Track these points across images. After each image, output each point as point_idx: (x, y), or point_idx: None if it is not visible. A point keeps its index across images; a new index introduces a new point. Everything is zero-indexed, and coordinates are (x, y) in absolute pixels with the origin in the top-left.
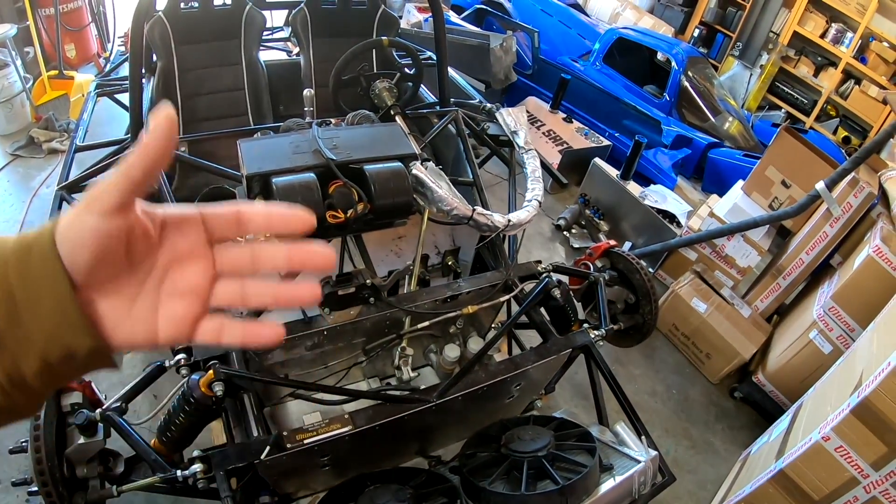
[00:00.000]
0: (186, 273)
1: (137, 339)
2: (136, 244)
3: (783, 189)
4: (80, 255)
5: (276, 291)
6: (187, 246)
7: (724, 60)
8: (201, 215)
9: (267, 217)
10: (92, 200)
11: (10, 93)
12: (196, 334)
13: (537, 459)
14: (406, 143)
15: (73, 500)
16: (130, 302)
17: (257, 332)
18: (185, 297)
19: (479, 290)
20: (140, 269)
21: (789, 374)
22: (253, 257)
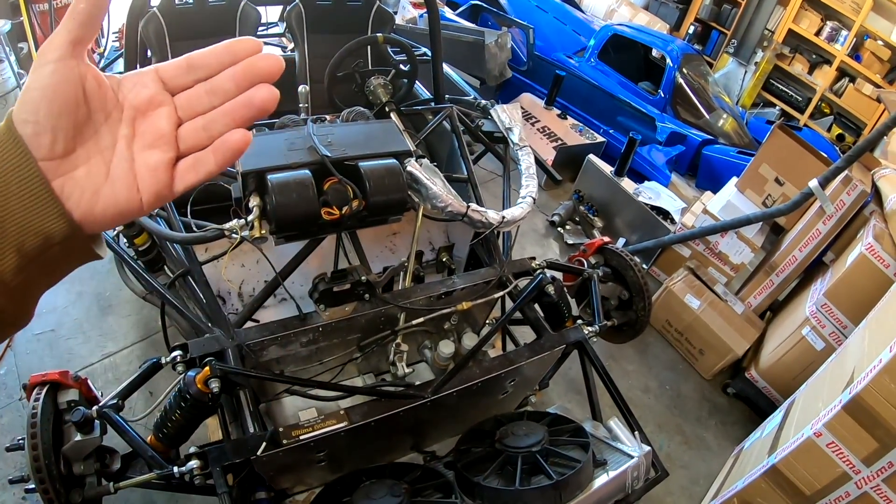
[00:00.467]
0: (152, 122)
1: (121, 202)
2: (94, 94)
3: (777, 186)
4: (43, 111)
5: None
6: (145, 98)
7: (718, 58)
8: (155, 70)
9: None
10: (42, 52)
11: (3, 89)
12: (175, 180)
13: (531, 454)
14: (401, 140)
15: (69, 498)
16: (105, 165)
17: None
18: (156, 146)
19: (474, 286)
20: (105, 127)
21: (782, 371)
22: (208, 92)
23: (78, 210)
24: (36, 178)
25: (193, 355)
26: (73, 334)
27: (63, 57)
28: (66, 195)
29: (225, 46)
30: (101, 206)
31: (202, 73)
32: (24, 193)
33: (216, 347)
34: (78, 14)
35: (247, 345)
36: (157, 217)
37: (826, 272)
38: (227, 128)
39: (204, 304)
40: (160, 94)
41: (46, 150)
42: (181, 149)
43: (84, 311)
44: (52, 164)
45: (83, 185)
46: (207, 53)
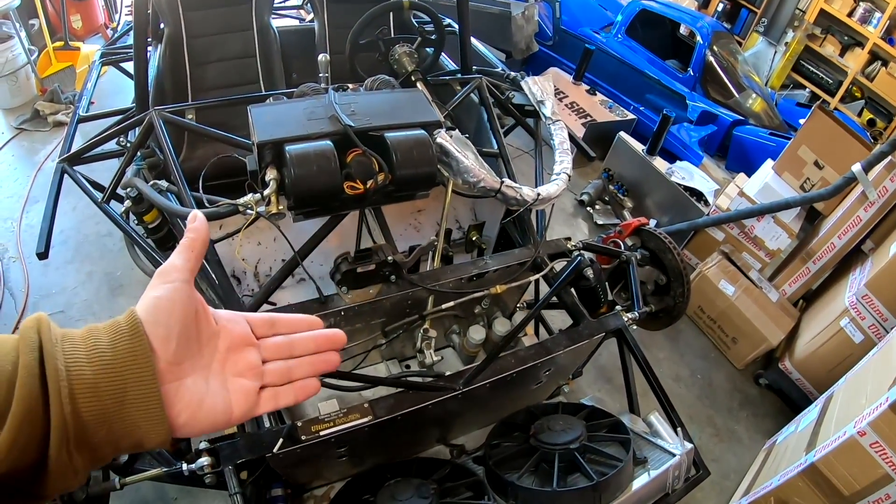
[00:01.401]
0: (244, 355)
1: (218, 414)
2: (201, 317)
3: (816, 170)
4: (174, 318)
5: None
6: (239, 335)
7: (748, 36)
8: (245, 318)
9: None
10: (167, 271)
11: (14, 65)
12: (258, 404)
13: (569, 452)
14: (430, 110)
15: (73, 495)
16: (204, 380)
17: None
18: (247, 374)
19: (507, 268)
20: (206, 348)
21: (817, 363)
22: (289, 345)
23: (186, 412)
24: (154, 389)
25: None
26: (83, 315)
27: (185, 280)
28: (178, 398)
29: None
30: (203, 413)
31: (281, 331)
32: (140, 402)
33: None
34: (193, 247)
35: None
36: (168, 192)
37: (865, 262)
38: (306, 374)
39: (216, 285)
40: (250, 336)
41: (171, 354)
42: (265, 381)
43: (94, 292)
44: (171, 369)
45: (192, 391)
46: (289, 320)
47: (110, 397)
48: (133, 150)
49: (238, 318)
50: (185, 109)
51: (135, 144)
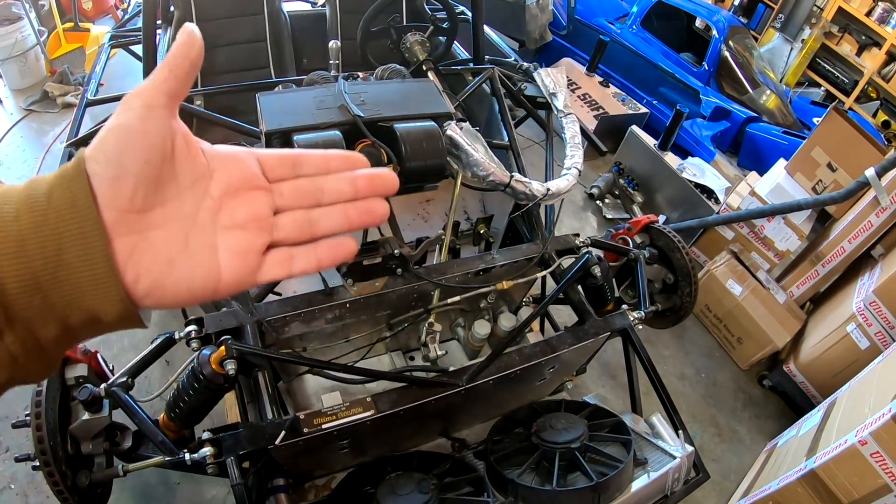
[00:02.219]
0: (245, 203)
1: (196, 278)
2: (182, 153)
3: (829, 172)
4: (129, 155)
5: (346, 210)
6: (241, 176)
7: (764, 32)
8: (255, 154)
9: (324, 159)
10: (133, 96)
11: (23, 46)
12: (263, 269)
13: (570, 451)
14: (440, 101)
15: (76, 479)
16: (183, 234)
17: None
18: (247, 228)
19: (514, 263)
20: (190, 192)
21: (822, 367)
22: (315, 188)
23: (148, 277)
24: (98, 245)
25: (209, 331)
26: None
27: (156, 105)
28: (137, 258)
29: (341, 155)
30: (174, 279)
31: (308, 171)
32: (82, 265)
33: (234, 323)
34: (173, 64)
35: (267, 321)
36: None
37: (875, 267)
38: (338, 227)
39: None
40: (259, 177)
41: (126, 200)
42: (275, 238)
43: None
44: (129, 219)
45: (158, 248)
46: (318, 155)
47: (40, 256)
48: None
49: (244, 154)
50: (193, 95)
51: None
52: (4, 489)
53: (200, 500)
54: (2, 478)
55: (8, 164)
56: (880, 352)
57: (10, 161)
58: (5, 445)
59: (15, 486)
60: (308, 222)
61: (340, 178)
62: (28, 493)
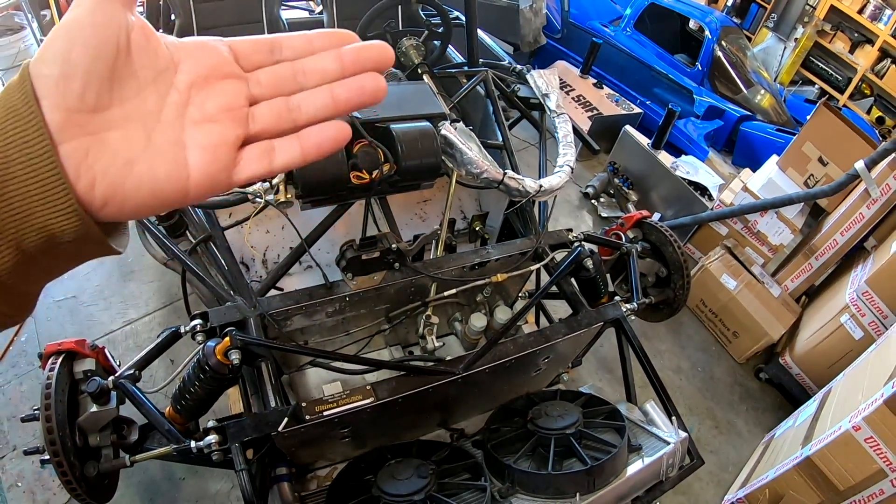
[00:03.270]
0: (215, 93)
1: (159, 179)
2: (140, 46)
3: (820, 166)
4: (76, 50)
5: (332, 90)
6: (210, 64)
7: (757, 32)
8: (226, 42)
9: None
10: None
11: (26, 56)
12: (239, 165)
13: (565, 437)
14: (435, 103)
15: (84, 470)
16: (144, 132)
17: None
18: (218, 120)
19: (509, 257)
20: (152, 87)
21: (817, 358)
22: (295, 71)
23: (104, 181)
24: (43, 150)
25: (214, 324)
26: (95, 301)
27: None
28: (91, 161)
29: (326, 33)
30: (135, 182)
31: (287, 56)
32: (27, 177)
33: (237, 316)
34: None
35: (269, 314)
36: None
37: (867, 258)
38: (324, 111)
39: (226, 271)
40: (230, 64)
41: (76, 98)
42: (252, 130)
43: (105, 278)
44: (80, 119)
45: (115, 150)
46: (298, 36)
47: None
48: None
49: (213, 42)
50: None
51: None
52: (12, 487)
53: (205, 494)
54: (9, 476)
55: None
56: (874, 341)
57: None
58: (12, 444)
59: (22, 483)
60: (288, 109)
61: (324, 55)
62: (35, 490)
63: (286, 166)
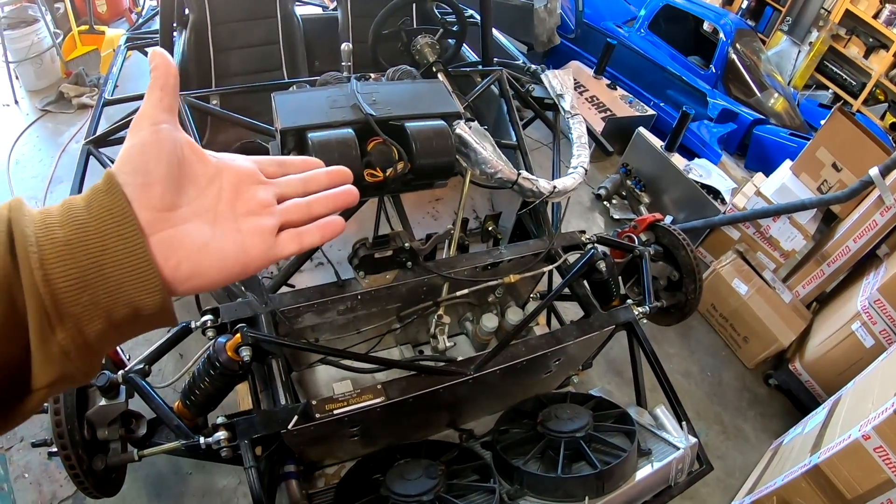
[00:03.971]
0: (254, 192)
1: (228, 258)
2: (191, 158)
3: (833, 172)
4: (151, 163)
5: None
6: (245, 173)
7: (772, 35)
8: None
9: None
10: (139, 118)
11: (39, 48)
12: (279, 245)
13: (574, 440)
14: (450, 101)
15: (92, 464)
16: (209, 224)
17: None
18: (259, 213)
19: (521, 258)
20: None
21: (827, 365)
22: (304, 181)
23: (188, 262)
24: (137, 242)
25: (225, 321)
26: None
27: (159, 122)
28: (176, 247)
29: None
30: (210, 260)
31: (291, 171)
32: (122, 259)
33: (248, 313)
34: (160, 85)
35: (281, 311)
36: None
37: (880, 266)
38: (327, 208)
39: None
40: (258, 173)
41: (157, 201)
42: (283, 220)
43: None
44: (162, 216)
45: (192, 237)
46: (299, 160)
47: (86, 256)
48: None
49: (241, 158)
50: (209, 95)
51: None
52: (18, 478)
53: (211, 489)
54: (16, 466)
55: (24, 163)
56: (885, 350)
57: (27, 160)
58: (20, 435)
59: (29, 475)
60: (306, 205)
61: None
62: (41, 481)
63: (311, 245)
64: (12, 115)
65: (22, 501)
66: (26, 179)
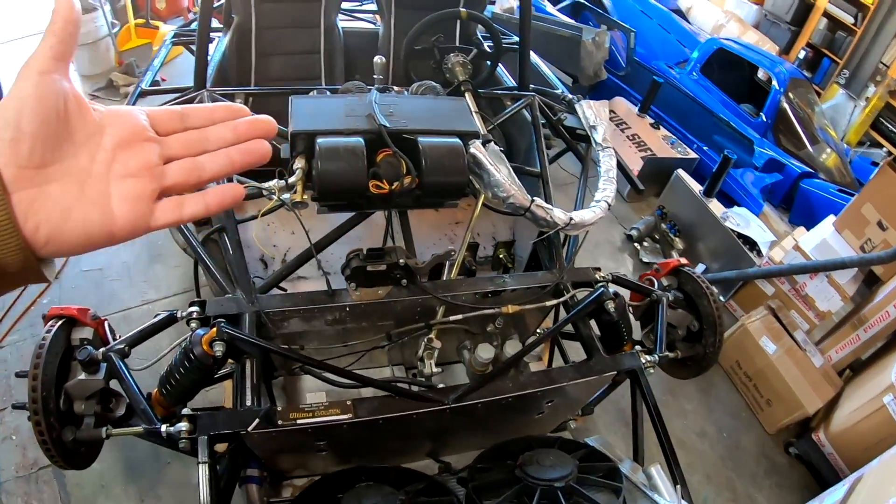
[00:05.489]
0: (135, 154)
1: (91, 225)
2: (74, 112)
3: (878, 231)
4: (25, 118)
5: (228, 153)
6: (132, 129)
7: (827, 87)
8: (144, 110)
9: (210, 111)
10: (25, 66)
11: (95, 36)
12: (155, 214)
13: (552, 490)
14: (469, 120)
15: (62, 434)
16: (79, 185)
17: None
18: (137, 175)
19: (527, 289)
20: (84, 147)
21: (853, 439)
22: (200, 137)
23: (47, 225)
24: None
25: (209, 314)
26: (120, 276)
27: (46, 71)
28: (37, 208)
29: (224, 106)
30: (71, 226)
31: (194, 124)
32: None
33: (234, 310)
34: (55, 30)
35: (266, 312)
36: None
37: None
38: (222, 169)
39: (231, 264)
40: (148, 130)
41: (25, 158)
42: (166, 184)
43: (134, 257)
44: (27, 174)
45: (56, 199)
46: (203, 108)
47: None
48: None
49: (134, 111)
50: (234, 94)
51: None
52: (6, 439)
53: (187, 482)
54: (6, 428)
55: None
56: None
57: None
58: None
59: (16, 437)
60: (195, 167)
61: (223, 126)
62: (27, 446)
63: (193, 216)
64: None
65: (5, 461)
66: None
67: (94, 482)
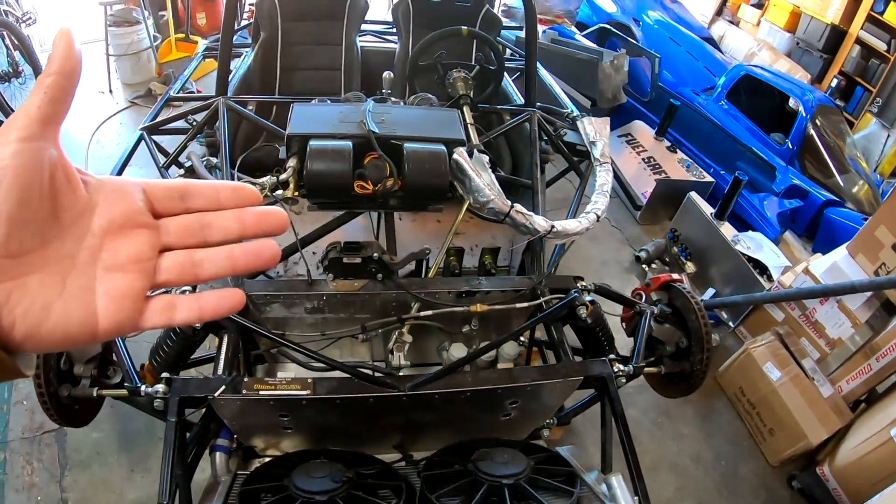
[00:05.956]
0: (127, 242)
1: (72, 325)
2: (62, 188)
3: (894, 255)
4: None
5: (231, 253)
6: (125, 212)
7: (861, 117)
8: (141, 186)
9: (215, 190)
10: (6, 128)
11: (138, 47)
12: (144, 315)
13: (500, 486)
14: (457, 129)
15: (58, 390)
16: (61, 277)
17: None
18: (127, 270)
19: (502, 292)
20: (69, 234)
21: (859, 474)
22: (202, 225)
23: (23, 324)
24: None
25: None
26: None
27: (31, 137)
28: (13, 305)
29: (231, 186)
30: (50, 325)
31: (197, 205)
32: None
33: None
34: (48, 85)
35: (250, 295)
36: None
37: None
38: (222, 271)
39: None
40: (144, 213)
41: (0, 245)
42: (157, 282)
43: None
44: (2, 265)
45: (34, 294)
46: (207, 187)
47: None
48: (197, 128)
49: (129, 187)
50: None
51: (199, 124)
52: (18, 403)
53: None
54: (20, 392)
55: (104, 143)
56: None
57: (107, 142)
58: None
59: (27, 402)
60: (192, 266)
61: (229, 214)
62: (36, 410)
63: (184, 323)
64: (105, 101)
65: (14, 423)
66: (101, 158)
67: (91, 449)
